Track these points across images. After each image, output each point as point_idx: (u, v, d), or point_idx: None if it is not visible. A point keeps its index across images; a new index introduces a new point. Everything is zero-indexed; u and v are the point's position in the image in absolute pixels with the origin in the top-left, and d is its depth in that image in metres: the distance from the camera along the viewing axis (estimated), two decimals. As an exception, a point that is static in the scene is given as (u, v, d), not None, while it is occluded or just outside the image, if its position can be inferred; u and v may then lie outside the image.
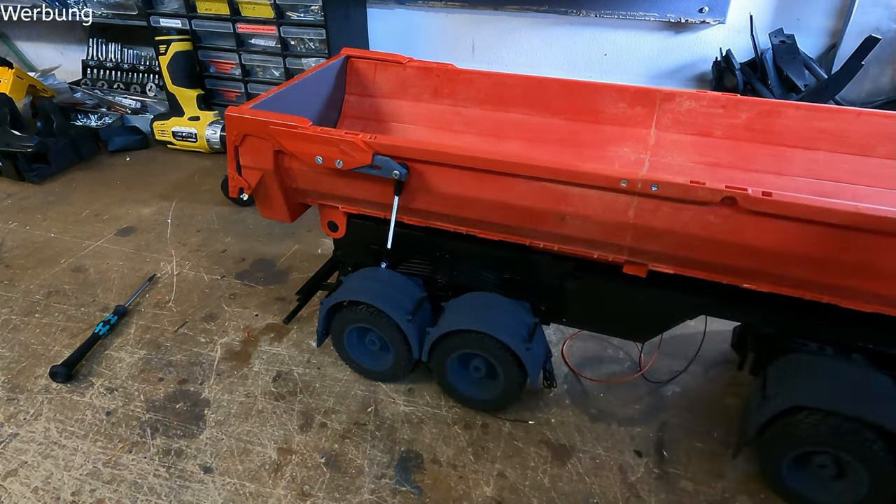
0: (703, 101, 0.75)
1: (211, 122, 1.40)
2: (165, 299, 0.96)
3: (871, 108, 0.85)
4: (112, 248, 1.10)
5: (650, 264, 0.61)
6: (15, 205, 1.26)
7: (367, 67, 0.87)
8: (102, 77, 1.68)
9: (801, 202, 0.50)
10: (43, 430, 0.74)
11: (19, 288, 0.99)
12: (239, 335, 0.89)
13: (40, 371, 0.82)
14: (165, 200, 1.26)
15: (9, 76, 1.48)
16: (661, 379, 0.80)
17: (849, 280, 0.53)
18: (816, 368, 0.61)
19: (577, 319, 0.74)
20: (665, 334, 0.74)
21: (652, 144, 0.79)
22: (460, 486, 0.67)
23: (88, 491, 0.67)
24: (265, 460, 0.70)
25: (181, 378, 0.81)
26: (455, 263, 0.73)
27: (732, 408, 0.76)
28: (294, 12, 1.29)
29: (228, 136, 0.68)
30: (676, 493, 0.65)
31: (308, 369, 0.82)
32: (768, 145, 0.74)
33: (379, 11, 1.42)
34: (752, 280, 0.58)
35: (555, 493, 0.66)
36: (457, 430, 0.73)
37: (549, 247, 0.65)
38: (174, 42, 1.35)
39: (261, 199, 0.74)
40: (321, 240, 1.11)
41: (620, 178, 0.54)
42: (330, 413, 0.76)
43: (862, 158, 0.71)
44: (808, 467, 0.62)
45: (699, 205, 0.53)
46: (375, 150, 0.61)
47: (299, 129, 0.64)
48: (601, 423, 0.74)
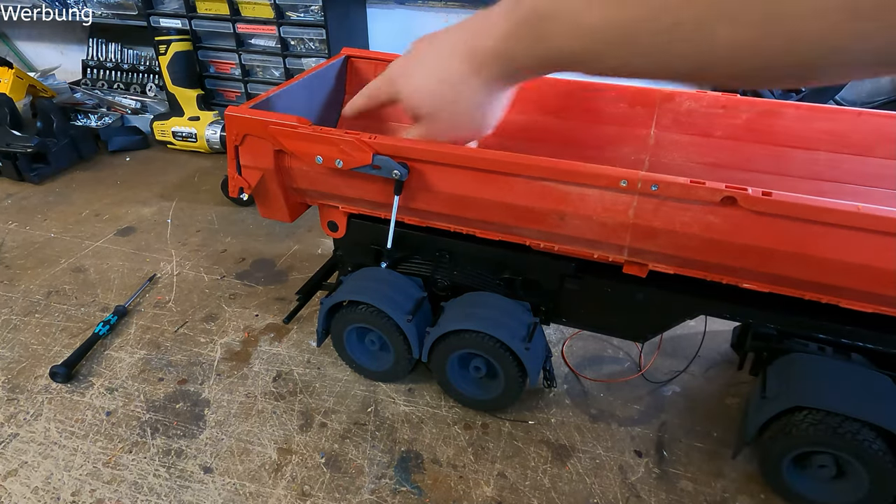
0: (703, 101, 0.75)
1: (211, 122, 1.40)
2: (165, 299, 0.96)
3: (871, 108, 0.85)
4: (112, 248, 1.10)
5: (650, 264, 0.61)
6: (15, 205, 1.26)
7: (368, 67, 0.87)
8: (102, 77, 1.68)
9: (801, 202, 0.50)
10: (43, 430, 0.74)
11: (19, 288, 0.99)
12: (239, 335, 0.89)
13: (40, 371, 0.83)
14: (165, 200, 1.26)
15: (9, 76, 1.48)
16: (661, 379, 0.80)
17: (849, 280, 0.53)
18: (816, 368, 0.61)
19: (577, 319, 0.74)
20: (665, 334, 0.74)
21: (652, 144, 0.79)
22: (460, 486, 0.67)
23: (88, 491, 0.67)
24: (265, 460, 0.70)
25: (181, 378, 0.81)
26: (455, 263, 0.73)
27: (732, 408, 0.76)
28: (294, 12, 1.29)
29: (228, 135, 0.68)
30: (676, 493, 0.66)
31: (308, 369, 0.82)
32: (768, 145, 0.74)
33: (379, 11, 1.42)
34: (752, 280, 0.58)
35: (555, 493, 0.66)
36: (457, 430, 0.73)
37: (548, 247, 0.65)
38: (174, 42, 1.35)
39: (261, 199, 0.74)
40: (321, 240, 1.11)
41: (620, 178, 0.54)
42: (330, 413, 0.76)
43: (862, 159, 0.71)
44: (808, 467, 0.62)
45: (699, 204, 0.53)
46: (376, 149, 0.61)
47: (299, 128, 0.64)
48: (601, 423, 0.74)
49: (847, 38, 0.25)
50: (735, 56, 0.29)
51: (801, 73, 0.29)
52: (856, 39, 0.25)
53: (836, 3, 0.24)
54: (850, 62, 0.26)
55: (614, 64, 0.36)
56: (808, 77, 0.29)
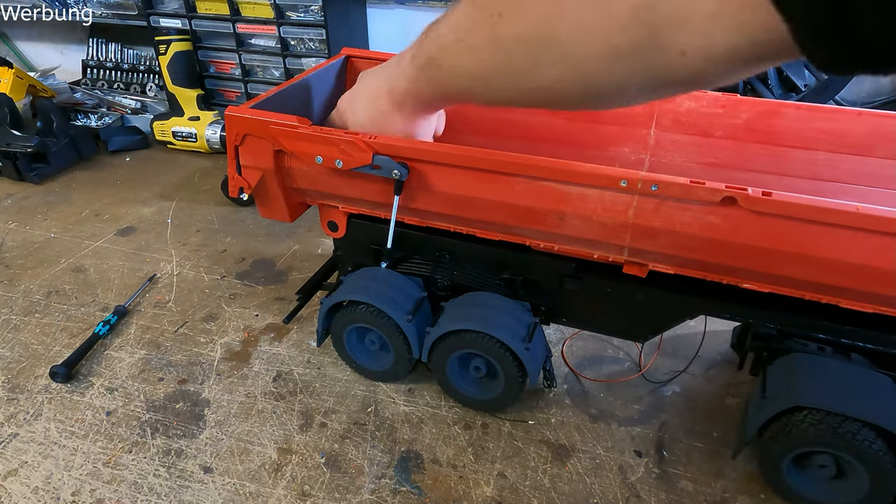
0: (703, 101, 0.75)
1: (211, 122, 1.40)
2: (165, 299, 0.96)
3: (871, 108, 0.85)
4: (112, 248, 1.10)
5: (650, 264, 0.61)
6: (15, 205, 1.26)
7: (367, 67, 0.87)
8: (102, 77, 1.68)
9: (801, 202, 0.50)
10: (43, 430, 0.74)
11: (19, 288, 0.99)
12: (239, 335, 0.89)
13: (40, 371, 0.83)
14: (165, 200, 1.26)
15: (9, 76, 1.48)
16: (661, 379, 0.80)
17: (849, 280, 0.53)
18: (816, 368, 0.61)
19: (577, 319, 0.74)
20: (665, 334, 0.74)
21: (652, 144, 0.79)
22: (460, 486, 0.67)
23: (88, 491, 0.67)
24: (265, 460, 0.70)
25: (181, 378, 0.81)
26: (455, 263, 0.73)
27: (732, 408, 0.76)
28: (294, 12, 1.29)
29: (228, 135, 0.68)
30: (676, 493, 0.66)
31: (308, 369, 0.82)
32: (768, 145, 0.74)
33: (379, 11, 1.42)
34: (752, 280, 0.58)
35: (555, 493, 0.66)
36: (457, 430, 0.73)
37: (548, 247, 0.65)
38: (174, 42, 1.35)
39: (261, 199, 0.74)
40: (321, 240, 1.11)
41: (620, 178, 0.54)
42: (330, 413, 0.76)
43: (862, 159, 0.71)
44: (808, 467, 0.62)
45: (699, 205, 0.53)
46: (376, 149, 0.61)
47: (299, 128, 0.64)
48: (601, 423, 0.74)
49: (618, 75, 0.35)
50: (562, 88, 0.39)
51: (598, 98, 0.39)
52: (627, 76, 0.35)
53: (601, 53, 0.34)
54: (625, 90, 0.37)
55: (488, 96, 0.46)
56: (606, 100, 0.39)
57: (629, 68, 0.34)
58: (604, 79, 0.36)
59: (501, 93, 0.45)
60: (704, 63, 0.31)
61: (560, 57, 0.37)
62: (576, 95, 0.39)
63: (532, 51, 0.38)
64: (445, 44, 0.46)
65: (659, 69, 0.33)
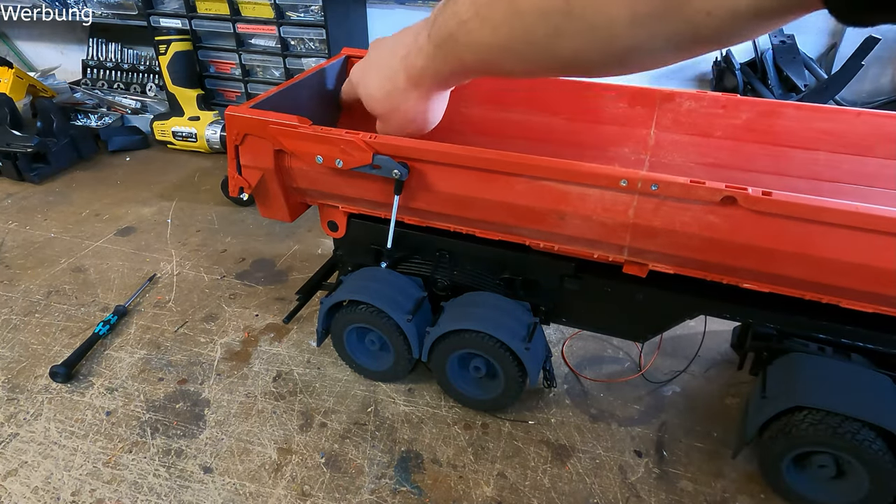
0: (703, 101, 0.75)
1: (211, 122, 1.40)
2: (165, 299, 0.96)
3: (871, 109, 0.85)
4: (112, 248, 1.10)
5: (650, 264, 0.61)
6: (15, 205, 1.26)
7: (368, 67, 0.87)
8: (102, 77, 1.68)
9: (801, 202, 0.50)
10: (43, 430, 0.74)
11: (19, 288, 0.99)
12: (239, 335, 0.89)
13: (40, 371, 0.83)
14: (165, 200, 1.26)
15: (9, 76, 1.48)
16: (661, 379, 0.80)
17: (849, 280, 0.53)
18: (816, 368, 0.61)
19: (577, 319, 0.74)
20: (665, 334, 0.74)
21: (652, 145, 0.79)
22: (460, 486, 0.67)
23: (88, 491, 0.67)
24: (265, 460, 0.70)
25: (181, 378, 0.81)
26: (455, 263, 0.73)
27: (732, 408, 0.76)
28: (294, 12, 1.29)
29: (228, 135, 0.68)
30: (676, 493, 0.66)
31: (308, 369, 0.82)
32: (768, 145, 0.74)
33: (379, 11, 1.42)
34: (752, 280, 0.58)
35: (555, 493, 0.66)
36: (457, 430, 0.73)
37: (548, 246, 0.65)
38: (174, 42, 1.35)
39: (261, 199, 0.74)
40: (321, 240, 1.11)
41: (620, 178, 0.54)
42: (330, 413, 0.76)
43: (862, 159, 0.71)
44: (808, 467, 0.62)
45: (699, 204, 0.53)
46: (376, 149, 0.61)
47: (299, 128, 0.64)
48: (601, 423, 0.74)
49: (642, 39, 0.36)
50: (585, 56, 0.40)
51: (622, 63, 0.40)
52: (651, 39, 0.36)
53: (625, 19, 0.35)
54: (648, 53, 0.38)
55: (509, 68, 0.47)
56: (630, 64, 0.40)
57: (654, 32, 0.35)
58: (627, 43, 0.37)
59: (522, 64, 0.45)
60: (731, 21, 0.31)
61: (583, 27, 0.37)
62: (598, 62, 0.40)
63: (555, 22, 0.39)
64: (464, 19, 0.46)
65: (684, 31, 0.34)
